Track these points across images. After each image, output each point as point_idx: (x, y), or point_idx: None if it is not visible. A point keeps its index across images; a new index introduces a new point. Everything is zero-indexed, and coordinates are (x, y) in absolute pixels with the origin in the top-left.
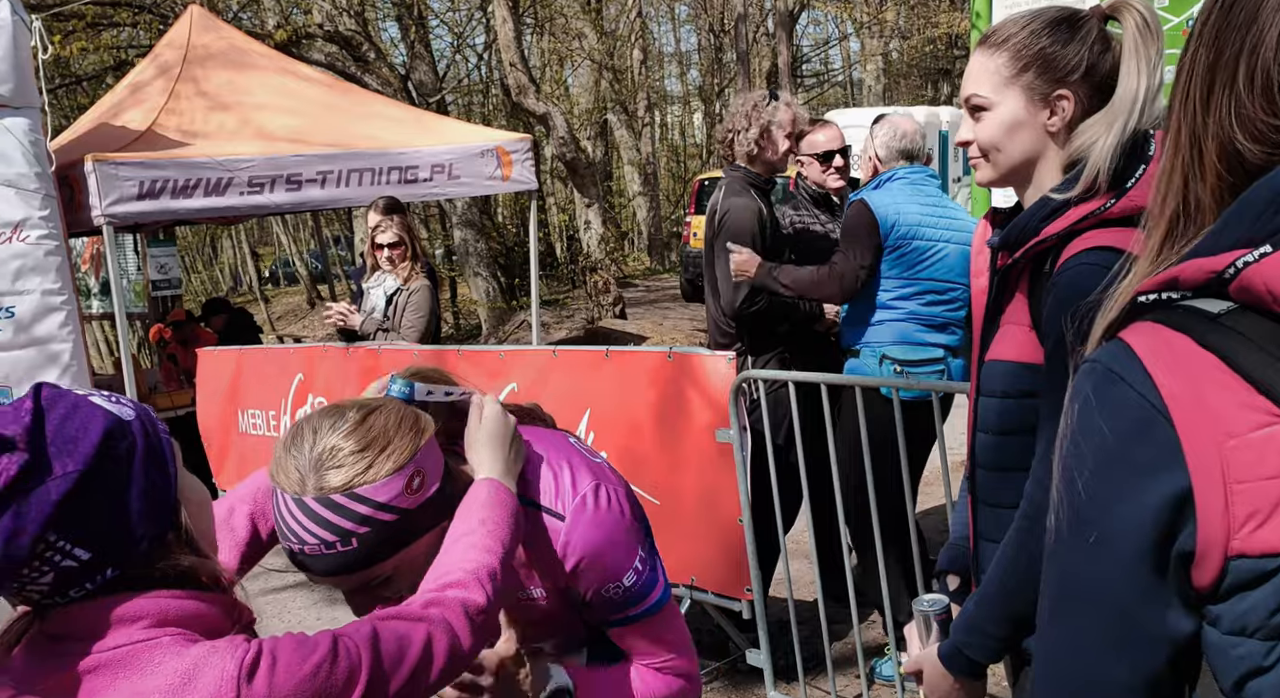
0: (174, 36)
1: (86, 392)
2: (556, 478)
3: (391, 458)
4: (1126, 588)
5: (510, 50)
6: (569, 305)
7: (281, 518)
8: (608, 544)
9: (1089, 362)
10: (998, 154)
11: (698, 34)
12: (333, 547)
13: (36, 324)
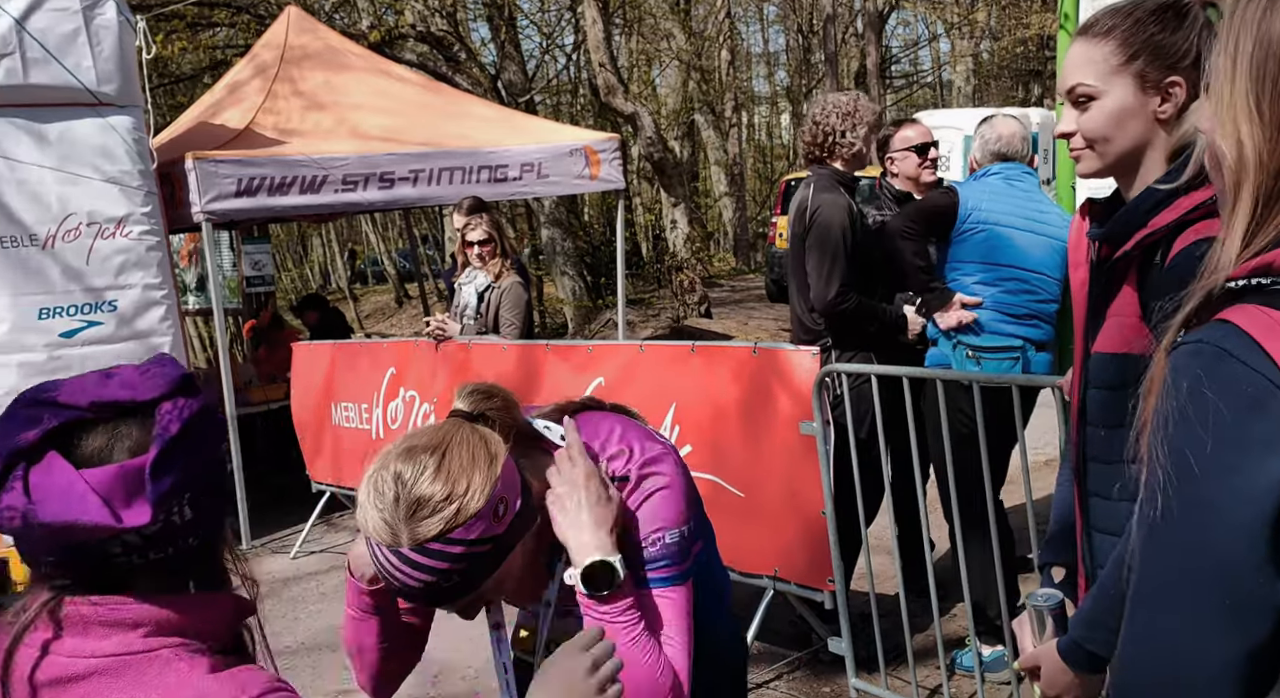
0: (271, 37)
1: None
2: (630, 448)
3: (475, 498)
4: (1243, 560)
5: (599, 51)
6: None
7: (380, 564)
8: (666, 499)
9: (1195, 342)
10: (1105, 144)
11: (786, 35)
12: (434, 584)
13: (138, 318)
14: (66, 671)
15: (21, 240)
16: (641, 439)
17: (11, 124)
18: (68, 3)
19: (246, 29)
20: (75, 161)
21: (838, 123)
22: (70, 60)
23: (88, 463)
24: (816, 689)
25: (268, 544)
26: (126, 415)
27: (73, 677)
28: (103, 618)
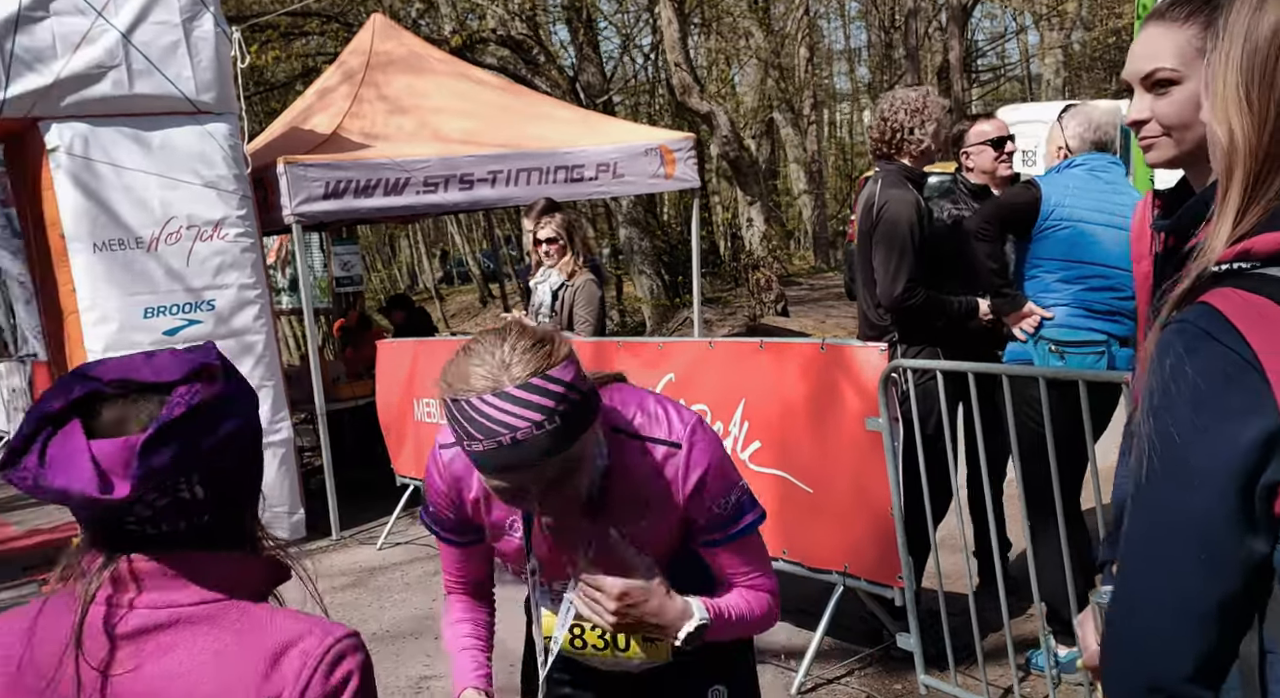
0: (358, 44)
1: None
2: (666, 415)
3: (561, 349)
4: (1218, 517)
5: (675, 51)
6: (732, 303)
7: (481, 418)
8: (722, 462)
9: (1178, 322)
10: (1184, 131)
11: (868, 30)
12: (542, 426)
13: (234, 316)
14: (149, 621)
15: (128, 243)
16: (672, 407)
17: (119, 132)
18: (169, 16)
19: (335, 37)
20: (176, 167)
21: (906, 119)
22: (171, 71)
23: (101, 434)
24: (888, 687)
25: (355, 535)
26: (146, 393)
27: (156, 626)
28: (174, 572)
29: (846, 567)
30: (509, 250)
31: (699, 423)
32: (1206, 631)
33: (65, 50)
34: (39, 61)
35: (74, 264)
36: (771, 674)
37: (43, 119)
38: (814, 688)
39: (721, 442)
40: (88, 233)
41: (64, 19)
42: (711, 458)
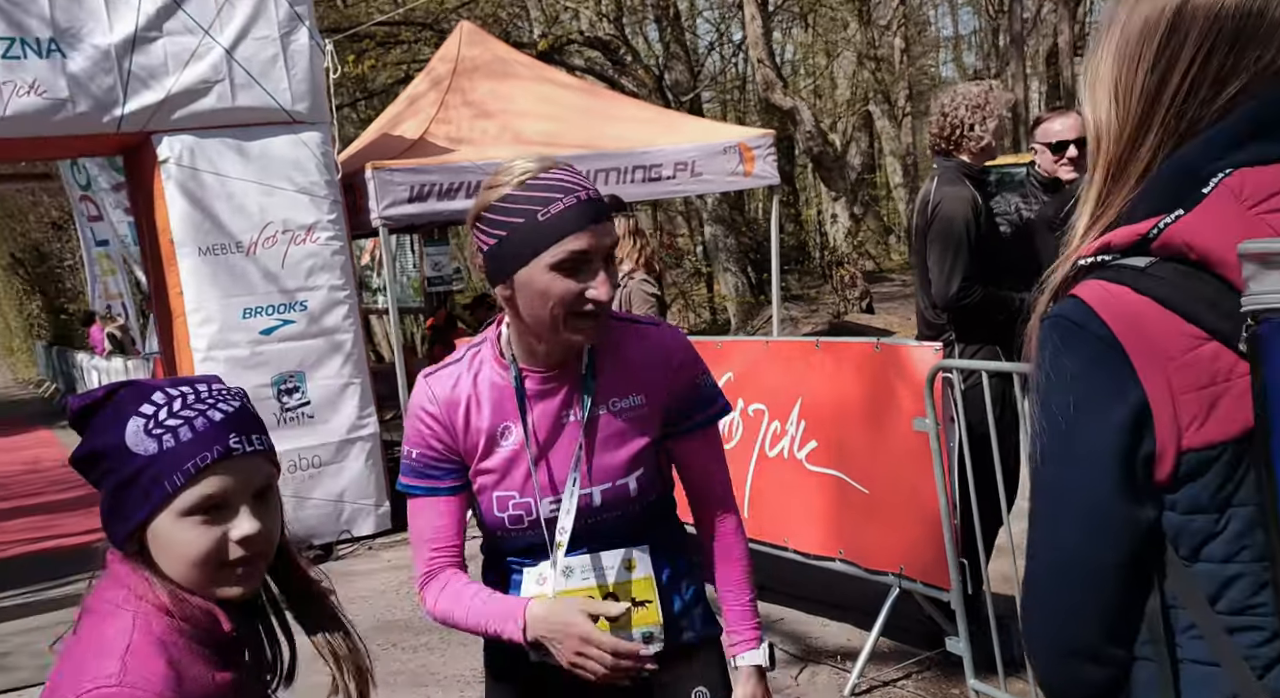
0: (446, 51)
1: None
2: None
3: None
4: (1103, 487)
5: (758, 47)
6: (818, 300)
7: (557, 182)
8: (691, 343)
9: (1051, 317)
10: None
11: (977, 16)
12: (597, 192)
13: (324, 316)
14: (86, 603)
15: (229, 247)
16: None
17: (222, 143)
18: (269, 31)
19: (429, 44)
20: (272, 174)
21: (966, 115)
22: (270, 83)
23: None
24: (944, 690)
25: None
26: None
27: (86, 609)
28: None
29: (902, 568)
30: None
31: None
32: (1107, 594)
33: (176, 67)
34: (153, 78)
35: (181, 268)
36: (827, 675)
37: (155, 132)
38: (869, 690)
39: None
40: (194, 238)
41: (175, 38)
42: (682, 338)
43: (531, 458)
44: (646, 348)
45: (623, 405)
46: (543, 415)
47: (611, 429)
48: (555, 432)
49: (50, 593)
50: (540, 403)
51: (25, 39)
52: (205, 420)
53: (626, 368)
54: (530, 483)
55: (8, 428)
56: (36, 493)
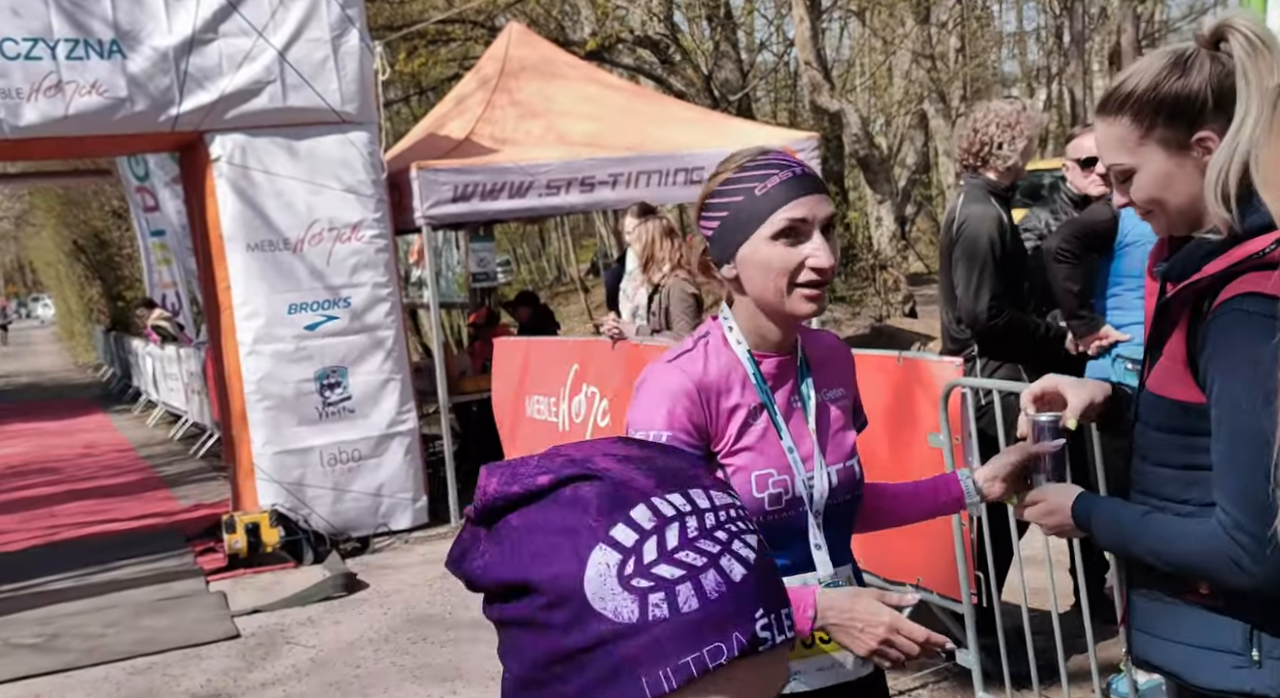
0: (494, 51)
1: None
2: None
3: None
4: None
5: (806, 49)
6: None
7: (773, 159)
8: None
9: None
10: (1161, 206)
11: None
12: (812, 172)
13: (367, 313)
14: None
15: (277, 244)
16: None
17: (272, 142)
18: (320, 33)
19: (479, 42)
20: (320, 173)
21: (997, 133)
22: (320, 84)
23: None
24: None
25: None
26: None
27: None
28: None
29: (920, 580)
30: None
31: None
32: None
33: (230, 68)
34: (208, 79)
35: (230, 263)
36: None
37: (209, 131)
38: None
39: None
40: (243, 235)
41: (230, 40)
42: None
43: (785, 435)
44: (828, 346)
45: (833, 395)
46: (780, 397)
47: (833, 414)
48: (790, 413)
49: (98, 577)
50: (776, 385)
51: (88, 40)
52: (721, 580)
53: (822, 362)
54: (786, 460)
55: (66, 411)
56: (90, 477)
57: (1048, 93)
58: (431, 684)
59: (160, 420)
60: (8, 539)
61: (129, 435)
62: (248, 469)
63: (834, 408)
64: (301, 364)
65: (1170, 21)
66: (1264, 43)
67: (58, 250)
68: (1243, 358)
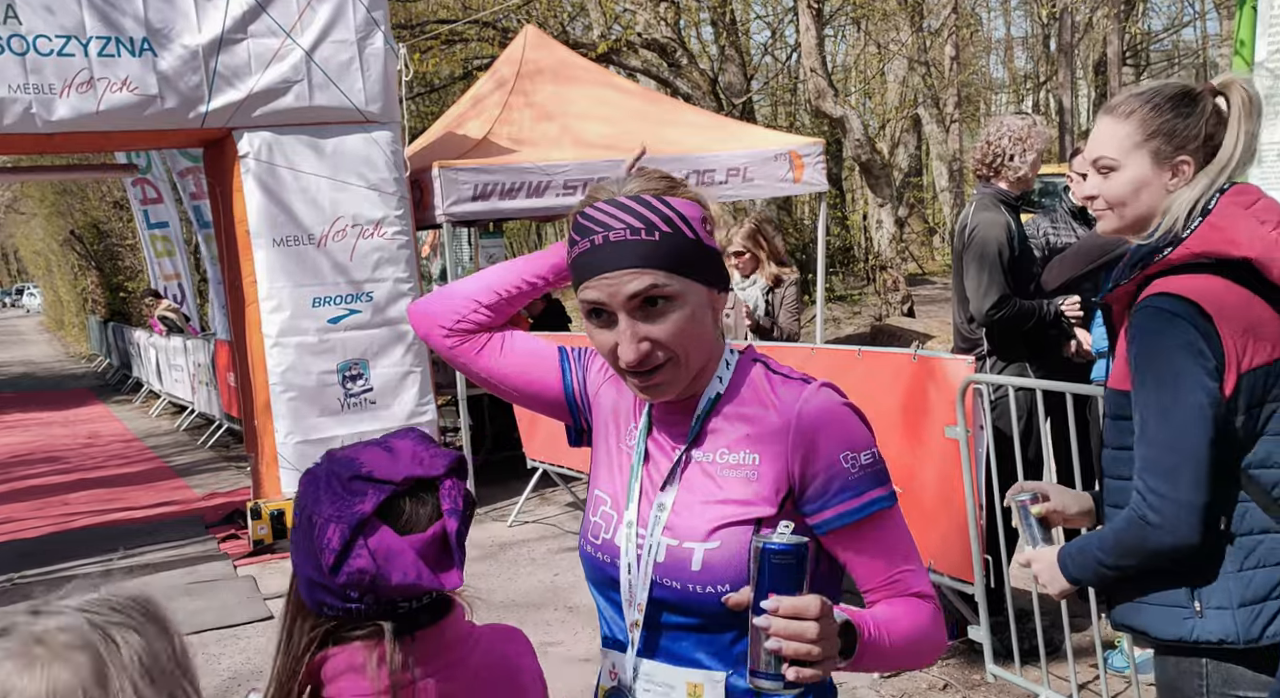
0: (510, 53)
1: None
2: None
3: (691, 191)
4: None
5: (812, 56)
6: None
7: (590, 219)
8: (854, 414)
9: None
10: (1123, 208)
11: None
12: (637, 232)
13: (389, 307)
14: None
15: (301, 240)
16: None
17: (299, 140)
18: (346, 34)
19: (491, 43)
20: (345, 171)
21: (1009, 146)
22: (345, 84)
23: (405, 531)
24: (966, 676)
25: (489, 513)
26: (423, 489)
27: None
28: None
29: (931, 563)
30: None
31: (834, 384)
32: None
33: (258, 67)
34: (236, 77)
35: (256, 258)
36: None
37: (236, 128)
38: (896, 674)
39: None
40: (268, 230)
41: (259, 40)
42: (843, 401)
43: (637, 472)
44: (775, 399)
45: (730, 460)
46: (658, 441)
47: (703, 482)
48: (659, 461)
49: (123, 563)
50: (661, 427)
51: (120, 38)
52: None
53: (746, 420)
54: (624, 495)
55: (64, 402)
56: (98, 466)
57: (1034, 99)
58: None
59: (163, 411)
60: (22, 527)
61: (132, 426)
62: (271, 458)
63: (714, 476)
64: (324, 357)
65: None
66: (1254, 105)
67: (50, 239)
68: (1150, 348)
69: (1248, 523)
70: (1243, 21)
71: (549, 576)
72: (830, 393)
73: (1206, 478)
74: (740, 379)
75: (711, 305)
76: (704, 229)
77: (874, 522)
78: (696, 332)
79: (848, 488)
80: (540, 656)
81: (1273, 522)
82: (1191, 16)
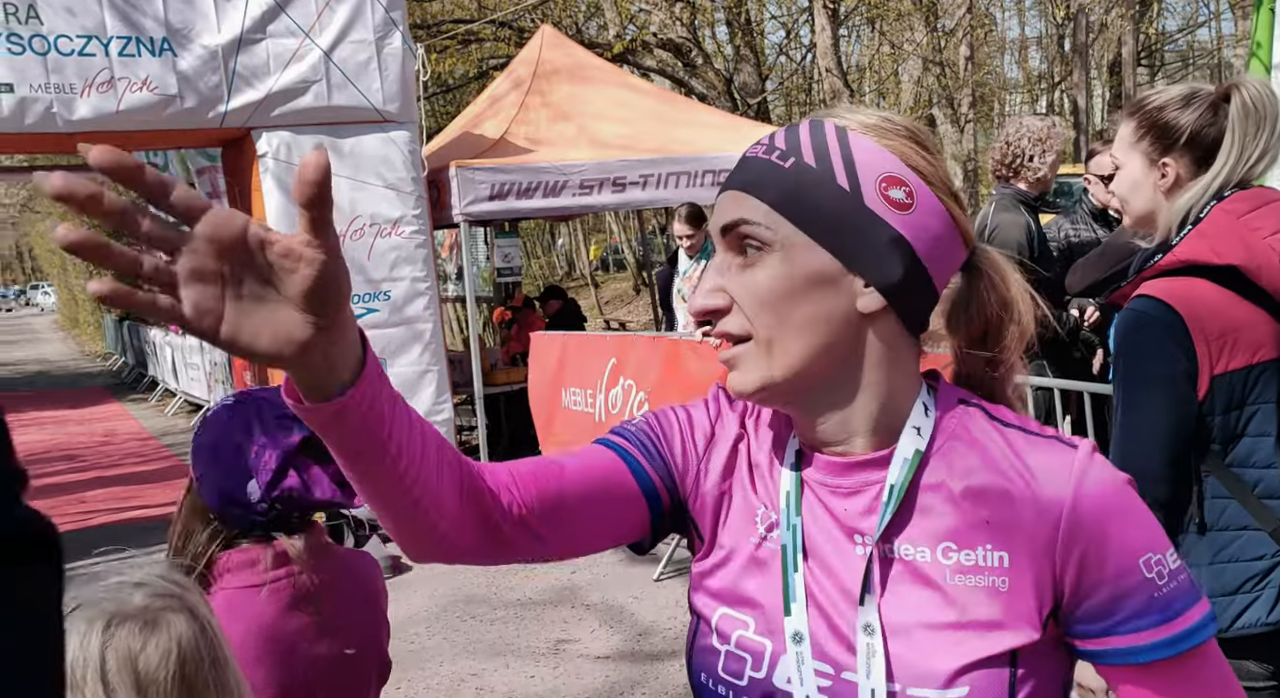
0: (527, 54)
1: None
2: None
3: (904, 149)
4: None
5: (827, 56)
6: None
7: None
8: (1134, 488)
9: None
10: (1127, 205)
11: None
12: (771, 152)
13: (406, 306)
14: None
15: None
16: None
17: (316, 140)
18: (364, 35)
19: (507, 43)
20: (363, 171)
21: (1028, 147)
22: (363, 84)
23: (323, 461)
24: None
25: None
26: None
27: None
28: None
29: None
30: (662, 240)
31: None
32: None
33: (277, 68)
34: (255, 78)
35: None
36: None
37: (255, 128)
38: None
39: None
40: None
41: (278, 40)
42: (1127, 478)
43: (798, 575)
44: (1028, 474)
45: (963, 561)
46: (822, 522)
47: (920, 594)
48: (831, 555)
49: (142, 560)
50: (825, 496)
51: (140, 38)
52: None
53: (980, 498)
54: (780, 617)
55: (80, 400)
56: (114, 464)
57: (1049, 100)
58: (485, 659)
59: (179, 409)
60: None
61: (147, 424)
62: None
63: (944, 585)
64: None
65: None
66: (1257, 108)
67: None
68: (1123, 349)
69: (1225, 519)
70: (1260, 23)
71: (565, 573)
72: (1107, 464)
73: (1171, 477)
74: (953, 430)
75: (850, 297)
76: (881, 191)
77: (1194, 659)
78: (796, 314)
79: (1153, 608)
80: (556, 654)
81: (1252, 519)
82: (1206, 17)
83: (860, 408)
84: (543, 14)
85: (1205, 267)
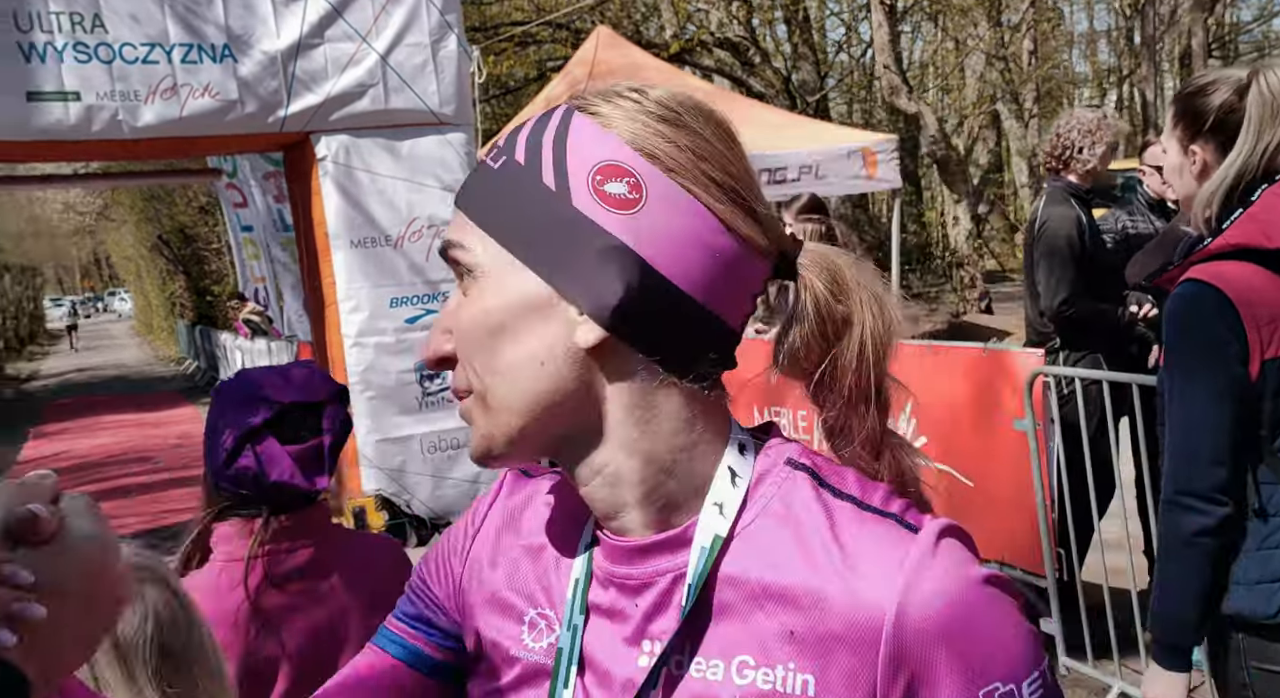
0: (583, 54)
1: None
2: (898, 499)
3: (639, 124)
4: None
5: (885, 52)
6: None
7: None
8: (996, 592)
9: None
10: (1174, 189)
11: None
12: (490, 151)
13: None
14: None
15: (379, 241)
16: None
17: (375, 143)
18: (420, 38)
19: (564, 43)
20: (420, 173)
21: (1078, 139)
22: (419, 86)
23: (287, 441)
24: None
25: None
26: (310, 410)
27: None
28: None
29: (1004, 556)
30: None
31: (958, 527)
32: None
33: (335, 72)
34: (314, 82)
35: (334, 260)
36: None
37: (314, 132)
38: None
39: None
40: (346, 232)
41: (335, 44)
42: (981, 577)
43: (568, 692)
44: (846, 569)
45: (759, 681)
46: (602, 628)
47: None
48: (609, 668)
49: None
50: (606, 606)
51: (202, 45)
52: None
53: (785, 600)
54: None
55: (154, 403)
56: (187, 466)
57: (1118, 94)
58: None
59: None
60: (116, 524)
61: None
62: (351, 457)
63: None
64: (402, 356)
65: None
66: (1276, 95)
67: (139, 245)
68: (1174, 332)
69: (1275, 504)
70: None
71: None
72: (956, 557)
73: (1228, 459)
74: (766, 504)
75: (567, 328)
76: (594, 186)
77: None
78: (505, 356)
79: None
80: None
81: None
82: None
83: (625, 473)
84: (600, 15)
85: (1256, 250)
